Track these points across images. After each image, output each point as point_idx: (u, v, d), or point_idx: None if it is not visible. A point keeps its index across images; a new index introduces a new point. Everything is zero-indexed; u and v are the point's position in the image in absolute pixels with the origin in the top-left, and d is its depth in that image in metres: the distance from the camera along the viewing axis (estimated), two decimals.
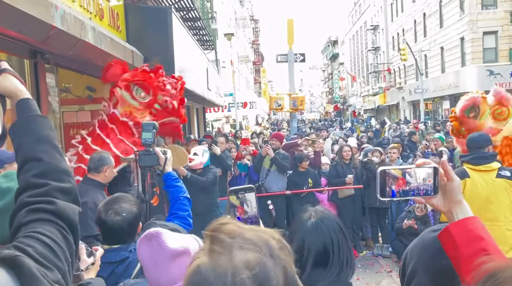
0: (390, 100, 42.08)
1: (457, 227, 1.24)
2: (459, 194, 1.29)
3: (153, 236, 1.51)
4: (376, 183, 1.30)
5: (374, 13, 47.78)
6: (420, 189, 1.29)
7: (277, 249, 0.90)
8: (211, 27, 14.28)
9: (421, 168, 1.28)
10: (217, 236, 0.90)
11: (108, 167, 3.65)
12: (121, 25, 6.42)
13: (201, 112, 16.35)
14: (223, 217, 1.00)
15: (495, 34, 26.29)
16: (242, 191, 1.43)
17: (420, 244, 1.43)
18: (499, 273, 0.78)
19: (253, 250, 0.88)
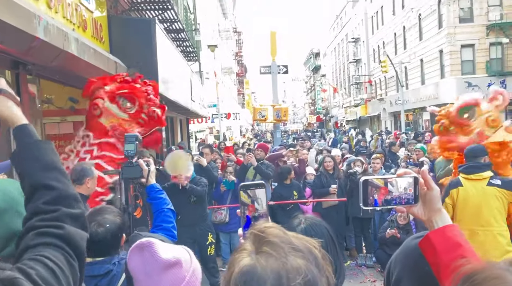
0: (371, 112, 42.63)
1: (436, 235, 1.27)
2: (438, 202, 1.32)
3: (145, 246, 1.48)
4: (359, 192, 1.32)
5: (355, 26, 48.58)
6: (402, 198, 1.32)
7: (321, 258, 0.93)
8: (195, 39, 14.32)
9: (402, 178, 1.31)
10: (266, 238, 0.92)
11: (90, 178, 3.61)
12: (104, 36, 6.40)
13: (185, 123, 16.30)
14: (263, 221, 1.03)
15: (472, 47, 27.00)
16: (253, 187, 1.40)
17: (404, 251, 1.46)
18: (476, 274, 0.80)
19: (301, 257, 0.90)
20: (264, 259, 0.89)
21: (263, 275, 0.86)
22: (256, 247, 0.92)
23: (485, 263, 0.85)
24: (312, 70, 78.82)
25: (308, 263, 0.90)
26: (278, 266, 0.87)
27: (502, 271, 0.80)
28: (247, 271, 0.88)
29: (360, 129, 33.96)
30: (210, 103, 18.99)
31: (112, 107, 4.15)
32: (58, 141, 6.22)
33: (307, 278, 0.87)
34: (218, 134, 21.55)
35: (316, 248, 0.96)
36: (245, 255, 0.92)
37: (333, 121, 54.48)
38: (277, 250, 0.89)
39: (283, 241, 0.92)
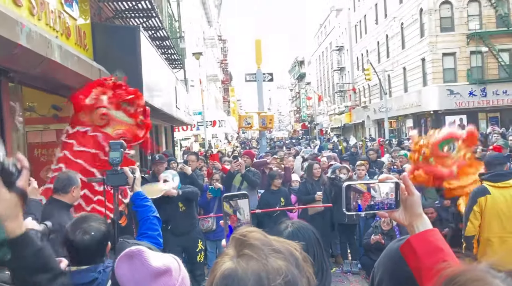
0: (355, 119, 43.03)
1: (417, 239, 1.29)
2: (419, 207, 1.34)
3: (135, 254, 1.46)
4: (342, 198, 1.33)
5: (339, 34, 49.13)
6: (384, 203, 1.33)
7: (301, 260, 0.95)
8: (180, 46, 14.31)
9: (384, 183, 1.33)
10: (247, 241, 0.93)
11: (75, 187, 3.56)
12: (88, 44, 6.36)
13: (170, 131, 16.22)
14: (245, 226, 1.04)
15: (453, 55, 27.52)
16: (236, 198, 1.41)
17: (386, 254, 1.49)
18: (458, 276, 0.82)
19: (282, 259, 0.92)
20: (245, 261, 0.90)
21: (243, 278, 0.88)
22: (238, 250, 0.93)
23: (467, 266, 0.86)
24: (297, 78, 79.31)
25: (288, 264, 0.91)
26: (258, 268, 0.89)
27: (483, 273, 0.82)
28: (228, 274, 0.90)
29: (344, 137, 34.26)
30: (196, 110, 18.94)
31: (118, 114, 4.09)
32: (41, 149, 6.13)
33: (287, 278, 0.88)
34: (203, 142, 21.47)
35: (297, 250, 0.97)
36: (227, 259, 0.93)
37: (318, 129, 54.82)
38: (258, 252, 0.91)
39: (264, 244, 0.93)
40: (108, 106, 4.18)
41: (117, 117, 4.15)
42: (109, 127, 4.16)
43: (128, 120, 4.19)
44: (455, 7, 27.26)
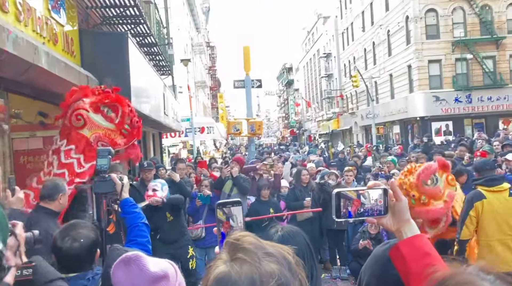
0: (343, 125, 43.31)
1: (405, 244, 1.30)
2: (407, 213, 1.35)
3: (132, 259, 1.44)
4: (332, 204, 1.34)
5: (327, 41, 49.54)
6: (374, 210, 1.35)
7: (294, 264, 0.97)
8: (168, 53, 14.29)
9: (373, 189, 1.35)
10: (241, 245, 0.95)
11: (62, 194, 3.52)
12: (75, 50, 6.33)
13: (158, 138, 16.14)
14: (239, 231, 1.06)
15: (439, 62, 27.91)
16: (229, 205, 1.42)
17: (373, 258, 1.51)
18: (448, 280, 0.83)
19: (275, 262, 0.93)
20: (238, 265, 0.91)
21: (237, 281, 0.89)
22: (231, 254, 0.95)
23: (456, 269, 0.87)
24: (285, 85, 79.65)
25: (281, 267, 0.93)
26: (252, 271, 0.90)
27: (473, 276, 0.83)
28: (222, 278, 0.91)
29: (331, 143, 34.50)
30: (184, 117, 18.89)
31: (97, 117, 4.02)
32: (27, 157, 6.05)
33: (281, 281, 0.90)
34: (191, 149, 21.39)
35: (290, 254, 0.98)
36: (220, 263, 0.94)
37: (306, 135, 55.02)
38: (251, 256, 0.92)
39: (257, 247, 0.95)
40: (86, 108, 4.11)
41: (95, 120, 4.09)
42: (86, 129, 4.10)
43: (106, 125, 4.12)
44: (440, 15, 27.70)
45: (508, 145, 9.27)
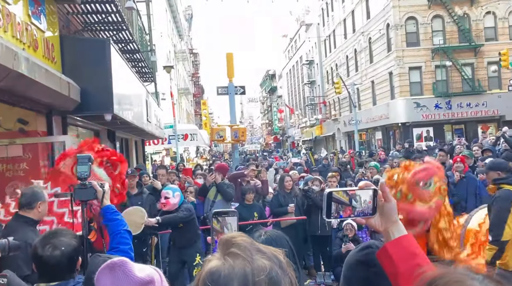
0: (326, 132, 43.63)
1: (393, 245, 1.31)
2: (395, 214, 1.36)
3: (117, 265, 1.42)
4: (323, 204, 1.34)
5: (309, 48, 49.97)
6: (364, 211, 1.36)
7: (285, 263, 1.00)
8: (150, 60, 14.23)
9: (363, 190, 1.35)
10: (234, 242, 0.98)
11: (41, 202, 3.45)
12: (56, 56, 6.25)
13: (140, 145, 15.99)
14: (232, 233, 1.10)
15: (419, 69, 28.40)
16: (225, 214, 1.42)
17: (345, 263, 1.53)
18: (438, 279, 0.84)
19: (267, 259, 0.97)
20: (231, 259, 0.95)
21: (230, 273, 0.92)
22: (225, 250, 0.98)
23: (446, 269, 0.88)
24: (268, 92, 79.96)
25: (272, 264, 0.96)
26: (244, 265, 0.93)
27: (462, 275, 0.84)
28: (215, 270, 0.94)
29: (314, 149, 34.72)
30: (167, 124, 18.77)
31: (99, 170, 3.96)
32: (6, 164, 5.94)
33: (271, 275, 0.94)
34: (175, 156, 21.25)
35: (281, 254, 1.02)
36: (214, 258, 0.98)
37: (290, 142, 55.24)
38: (244, 251, 0.96)
39: (250, 244, 0.99)
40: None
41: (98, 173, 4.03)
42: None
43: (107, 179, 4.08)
44: (420, 22, 28.23)
45: (487, 150, 9.46)
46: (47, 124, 6.44)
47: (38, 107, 6.08)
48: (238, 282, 0.92)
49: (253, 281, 0.92)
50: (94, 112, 6.84)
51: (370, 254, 1.48)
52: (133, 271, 1.42)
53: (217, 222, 1.44)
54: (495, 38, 28.39)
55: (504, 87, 26.09)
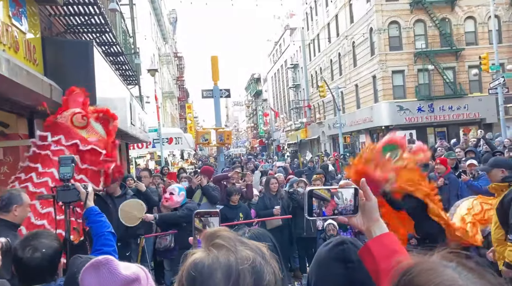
0: (311, 135, 43.86)
1: (375, 243, 1.33)
2: (376, 212, 1.37)
3: (102, 263, 1.39)
4: (304, 203, 1.35)
5: (294, 52, 50.25)
6: (346, 208, 1.37)
7: (268, 255, 1.03)
8: (134, 62, 14.12)
9: (345, 189, 1.36)
10: (218, 234, 1.01)
11: (18, 206, 3.38)
12: (38, 58, 6.16)
13: (124, 149, 15.83)
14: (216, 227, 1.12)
15: (402, 73, 28.78)
16: (207, 215, 1.42)
17: (317, 260, 1.53)
18: (412, 268, 0.86)
19: (250, 250, 1.00)
20: (216, 250, 0.97)
21: (214, 263, 0.94)
22: (209, 242, 1.00)
23: (420, 258, 0.90)
24: (253, 95, 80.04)
25: (256, 254, 0.99)
26: (228, 255, 0.96)
27: (436, 264, 0.86)
28: (199, 261, 0.96)
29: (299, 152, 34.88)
30: (151, 127, 18.63)
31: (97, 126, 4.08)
32: None
33: (254, 264, 0.96)
34: (159, 160, 21.09)
35: (264, 247, 1.04)
36: (198, 251, 1.00)
37: (275, 145, 55.35)
38: (228, 242, 0.98)
39: (234, 236, 1.02)
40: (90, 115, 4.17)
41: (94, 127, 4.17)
42: (84, 131, 4.13)
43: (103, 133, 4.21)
44: (402, 27, 28.63)
45: (470, 151, 9.61)
46: (28, 127, 6.33)
47: (19, 109, 5.97)
48: (222, 271, 0.93)
49: (236, 269, 0.93)
50: None
51: (346, 250, 1.48)
52: (118, 269, 1.39)
53: (199, 222, 1.43)
54: (476, 42, 28.95)
55: (484, 91, 26.58)
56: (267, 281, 0.96)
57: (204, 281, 0.94)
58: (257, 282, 0.95)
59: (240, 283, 0.93)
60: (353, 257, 1.44)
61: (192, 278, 0.95)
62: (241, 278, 0.93)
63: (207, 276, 0.94)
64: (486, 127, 25.77)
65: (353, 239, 1.56)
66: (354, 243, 1.51)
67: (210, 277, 0.93)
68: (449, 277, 0.81)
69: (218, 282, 0.93)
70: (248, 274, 0.94)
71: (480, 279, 0.82)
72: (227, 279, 0.93)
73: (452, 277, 0.81)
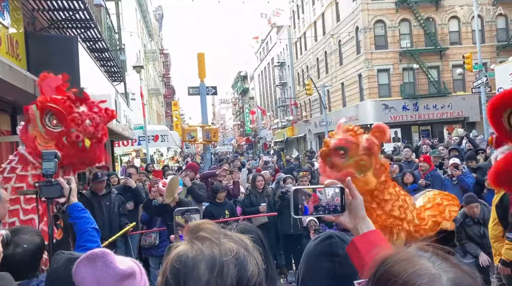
0: (298, 133, 44.00)
1: (361, 240, 1.35)
2: (362, 210, 1.40)
3: (98, 256, 1.37)
4: (290, 202, 1.37)
5: (280, 50, 50.31)
6: (331, 206, 1.38)
7: (251, 247, 1.05)
8: (120, 59, 13.99)
9: (329, 187, 1.38)
10: (202, 227, 1.02)
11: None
12: (21, 53, 6.07)
13: (109, 146, 15.69)
14: (199, 220, 1.11)
15: (387, 71, 29.03)
16: (188, 212, 1.44)
17: (305, 255, 1.55)
18: (388, 258, 0.89)
19: (233, 242, 1.01)
20: (200, 242, 0.98)
21: (198, 255, 0.95)
22: (192, 234, 1.01)
23: (397, 249, 0.93)
24: (240, 93, 79.96)
25: (239, 246, 1.00)
26: (212, 247, 0.97)
27: (411, 254, 0.89)
28: (183, 253, 0.97)
29: (286, 150, 35.01)
30: (137, 125, 18.50)
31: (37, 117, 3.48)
32: None
33: (238, 256, 0.98)
34: (145, 157, 20.95)
35: (247, 239, 1.06)
36: (182, 244, 1.01)
37: (262, 143, 55.42)
38: (212, 234, 1.00)
39: (217, 229, 1.03)
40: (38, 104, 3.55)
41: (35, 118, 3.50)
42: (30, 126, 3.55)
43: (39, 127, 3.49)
44: (388, 26, 28.87)
45: (454, 149, 9.75)
46: (11, 123, 6.24)
47: (1, 105, 5.88)
48: (206, 263, 0.94)
49: (220, 261, 0.95)
50: None
51: (333, 244, 1.50)
52: (115, 262, 1.37)
53: (181, 217, 1.44)
54: (459, 42, 29.34)
55: (468, 90, 26.98)
56: (251, 271, 0.98)
57: (188, 273, 0.94)
58: (240, 273, 0.96)
59: (224, 275, 0.94)
60: (340, 251, 1.46)
61: (176, 270, 0.96)
62: (225, 270, 0.95)
63: (191, 268, 0.95)
64: (469, 126, 26.18)
65: (341, 233, 1.58)
66: (341, 237, 1.53)
67: (193, 269, 0.94)
68: (423, 266, 0.84)
69: (202, 274, 0.94)
70: (232, 265, 0.95)
71: (452, 267, 0.85)
72: (211, 271, 0.94)
73: (426, 266, 0.84)
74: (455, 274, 0.83)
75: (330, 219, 1.41)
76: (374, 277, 0.89)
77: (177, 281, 0.95)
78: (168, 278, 0.97)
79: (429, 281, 0.81)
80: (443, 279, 0.81)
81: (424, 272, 0.83)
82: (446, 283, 0.81)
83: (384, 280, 0.86)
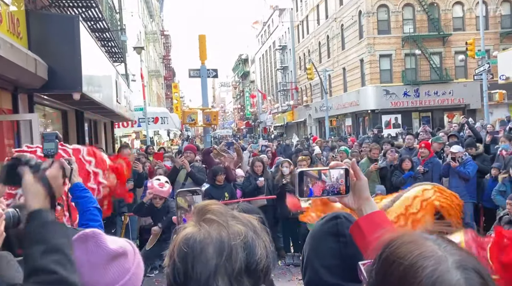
0: (298, 117, 43.94)
1: (365, 221, 1.36)
2: (366, 191, 1.41)
3: (90, 236, 1.39)
4: (295, 184, 1.38)
5: (282, 34, 49.86)
6: (335, 188, 1.40)
7: (259, 229, 1.04)
8: (121, 39, 13.88)
9: (335, 169, 1.40)
10: (209, 208, 1.01)
11: None
12: (22, 32, 6.01)
13: (109, 127, 15.69)
14: (206, 201, 1.09)
15: (389, 57, 28.85)
16: (190, 193, 1.44)
17: (311, 235, 1.57)
18: (394, 240, 0.90)
19: (241, 224, 1.00)
20: (207, 225, 0.97)
21: (206, 238, 0.95)
22: (200, 216, 1.00)
23: (402, 232, 0.94)
24: (241, 76, 79.54)
25: (247, 229, 1.00)
26: (220, 230, 0.96)
27: (417, 236, 0.90)
28: (191, 236, 0.96)
29: (286, 135, 35.03)
30: (137, 106, 18.45)
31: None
32: None
33: (247, 239, 0.97)
34: (145, 139, 20.97)
35: (255, 220, 1.06)
36: (189, 225, 1.00)
37: (262, 127, 55.39)
38: (220, 217, 0.99)
39: (225, 211, 1.02)
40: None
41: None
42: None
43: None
44: (391, 10, 28.58)
45: (453, 135, 9.75)
46: (12, 102, 6.23)
47: (3, 84, 5.87)
48: (214, 246, 0.94)
49: (229, 245, 0.94)
50: (62, 91, 6.66)
51: (339, 224, 1.52)
52: (106, 242, 1.39)
53: (184, 201, 1.45)
54: (463, 28, 29.10)
55: (469, 77, 26.86)
56: (259, 255, 0.98)
57: (195, 256, 0.94)
58: (249, 257, 0.96)
59: (233, 259, 0.94)
60: (345, 231, 1.47)
61: (184, 253, 0.96)
62: (234, 254, 0.95)
63: (199, 252, 0.94)
64: (470, 113, 26.14)
65: (347, 214, 1.60)
66: (347, 218, 1.54)
67: (201, 253, 0.94)
68: (429, 248, 0.85)
69: (210, 258, 0.94)
70: (240, 249, 0.95)
71: (458, 250, 0.87)
72: (219, 255, 0.94)
73: (432, 249, 0.85)
74: (460, 257, 0.84)
75: (334, 200, 1.43)
76: (379, 259, 0.90)
77: (184, 265, 0.95)
78: (175, 261, 0.97)
79: (435, 263, 0.82)
80: (449, 261, 0.82)
81: (430, 254, 0.84)
82: (451, 265, 0.82)
83: (389, 261, 0.87)
